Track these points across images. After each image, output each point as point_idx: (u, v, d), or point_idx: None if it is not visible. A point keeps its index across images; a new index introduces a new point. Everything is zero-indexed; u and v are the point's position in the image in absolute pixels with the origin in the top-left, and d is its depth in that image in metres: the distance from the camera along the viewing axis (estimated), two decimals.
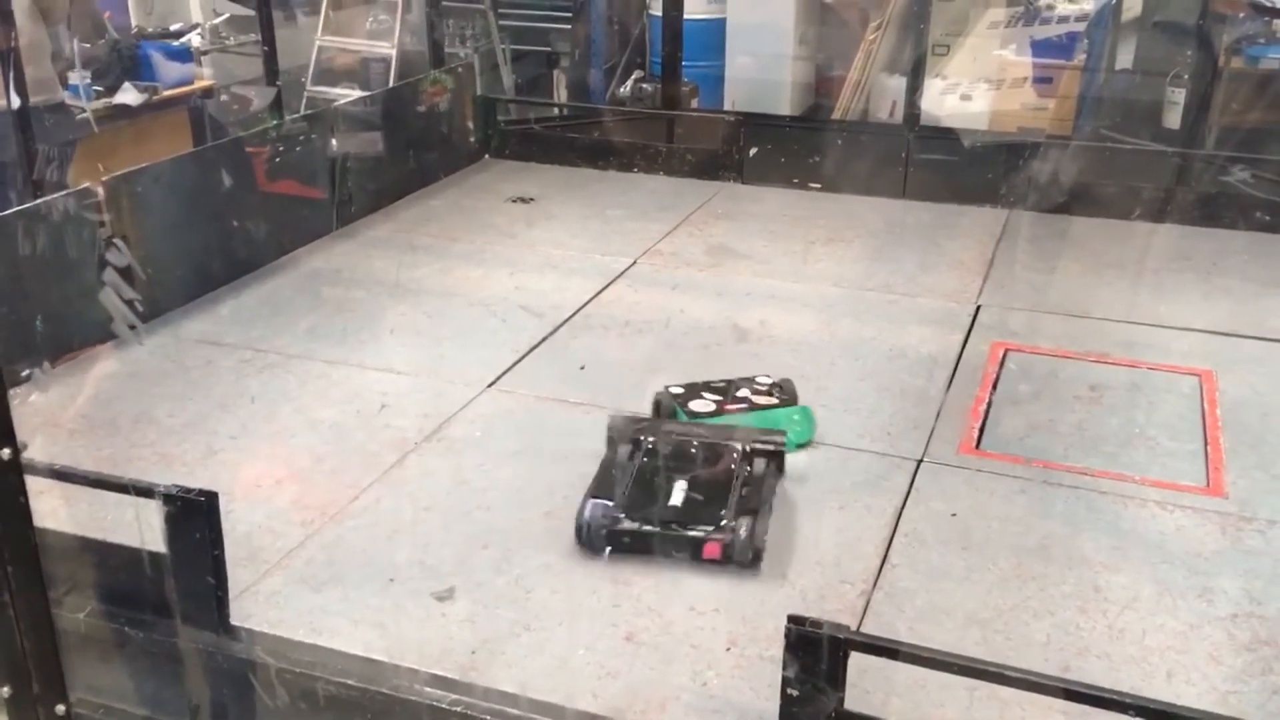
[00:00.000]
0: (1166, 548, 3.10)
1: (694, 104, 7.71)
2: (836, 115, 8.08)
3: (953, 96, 7.74)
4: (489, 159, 6.76)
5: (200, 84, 7.64)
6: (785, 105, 8.33)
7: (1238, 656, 2.70)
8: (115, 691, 2.66)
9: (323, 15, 8.34)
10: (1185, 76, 7.26)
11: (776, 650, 2.24)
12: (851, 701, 2.19)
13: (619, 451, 3.32)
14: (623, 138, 6.77)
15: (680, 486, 3.14)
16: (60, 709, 2.31)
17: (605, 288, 4.88)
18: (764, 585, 2.94)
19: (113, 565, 2.62)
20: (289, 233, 5.25)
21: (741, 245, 5.42)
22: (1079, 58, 7.75)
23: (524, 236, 5.53)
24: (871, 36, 8.03)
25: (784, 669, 2.18)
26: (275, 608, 2.83)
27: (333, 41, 8.45)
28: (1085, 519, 3.23)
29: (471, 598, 2.87)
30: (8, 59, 5.26)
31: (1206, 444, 3.63)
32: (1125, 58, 7.93)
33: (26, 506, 2.13)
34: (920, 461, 3.51)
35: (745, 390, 3.71)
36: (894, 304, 4.75)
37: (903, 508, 3.27)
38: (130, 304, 4.24)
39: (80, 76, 6.66)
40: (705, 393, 3.68)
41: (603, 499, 3.11)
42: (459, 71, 6.59)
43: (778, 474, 3.31)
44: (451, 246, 5.39)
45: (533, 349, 4.29)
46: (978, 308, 4.67)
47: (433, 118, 6.35)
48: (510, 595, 2.89)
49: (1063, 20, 7.98)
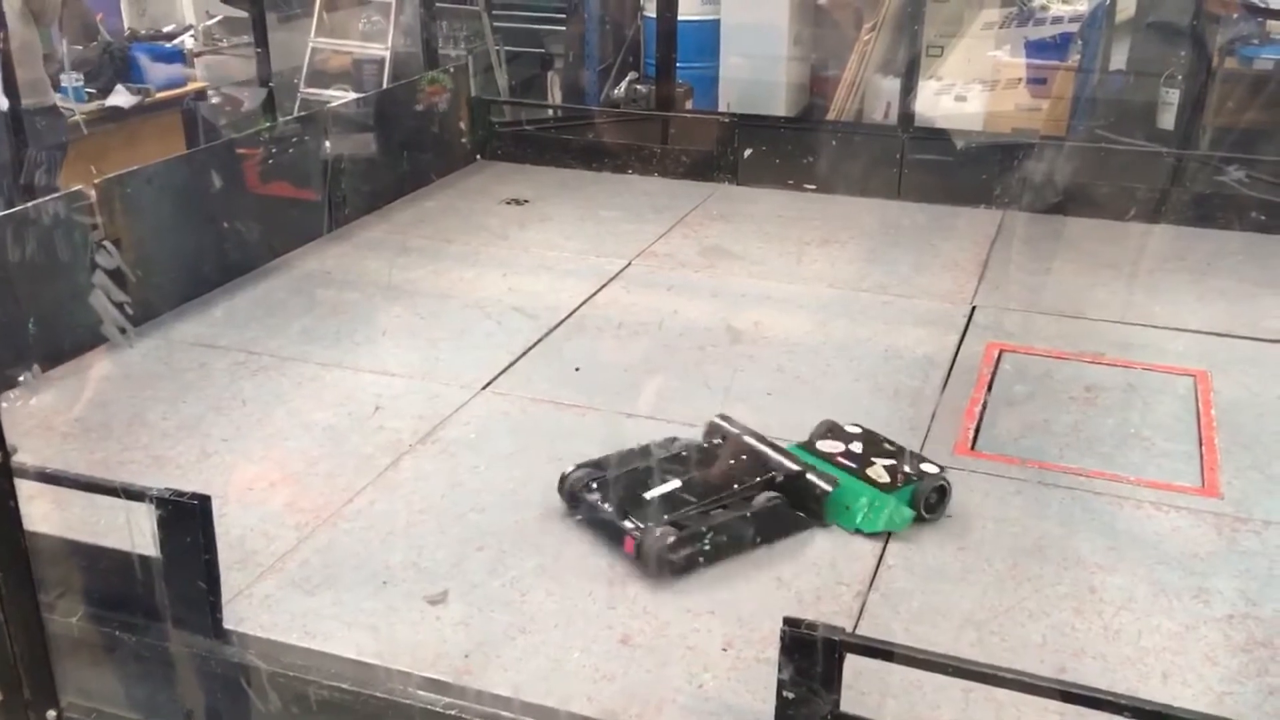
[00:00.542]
0: (1162, 548, 3.10)
1: (688, 105, 7.71)
2: (831, 116, 8.07)
3: (947, 97, 7.74)
4: (483, 160, 6.75)
5: (193, 86, 7.64)
6: (780, 106, 8.32)
7: (1234, 657, 2.69)
8: (108, 697, 2.64)
9: (316, 17, 8.32)
10: (1179, 77, 7.26)
11: (772, 652, 2.24)
12: (847, 704, 2.19)
13: (678, 444, 3.37)
14: (617, 139, 6.77)
15: (671, 484, 3.16)
16: (51, 714, 2.30)
17: (600, 289, 4.87)
18: (760, 587, 2.94)
19: (105, 569, 2.62)
20: (282, 235, 5.24)
21: (736, 246, 5.41)
22: (1073, 58, 7.75)
23: (518, 238, 5.52)
24: (866, 37, 8.04)
25: (779, 671, 2.17)
26: (268, 611, 2.82)
27: (326, 43, 8.44)
28: (1081, 520, 3.23)
29: (466, 600, 2.86)
30: None
31: (1201, 445, 3.63)
32: (1119, 58, 7.93)
33: (16, 510, 2.12)
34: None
35: (873, 455, 3.34)
36: (889, 305, 4.75)
37: None
38: (120, 306, 4.23)
39: (71, 79, 6.65)
40: (838, 439, 3.43)
41: (598, 469, 3.22)
42: (452, 73, 6.58)
43: (788, 518, 3.14)
44: (445, 248, 5.38)
45: (527, 351, 4.29)
46: (973, 308, 4.66)
47: (426, 119, 6.35)
48: (505, 598, 2.88)
49: (1057, 21, 7.99)
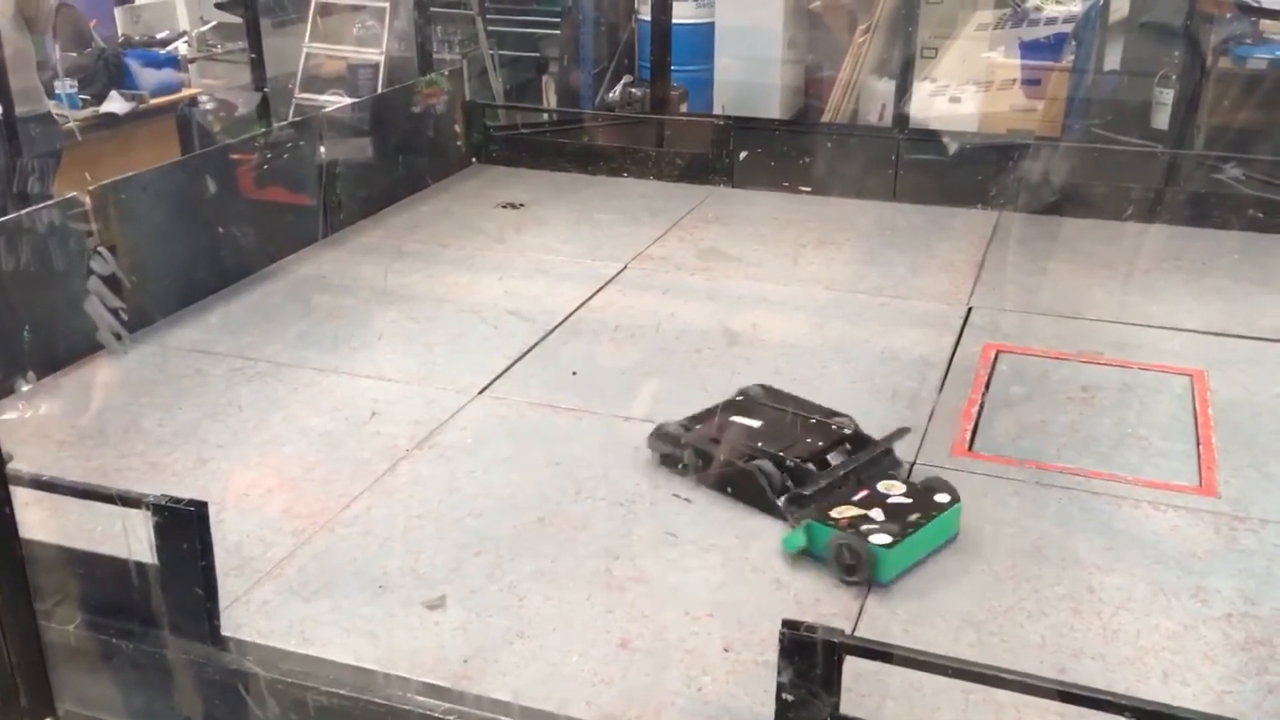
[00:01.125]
0: (1160, 548, 3.10)
1: (683, 108, 7.70)
2: (826, 118, 8.07)
3: (942, 99, 7.74)
4: (478, 165, 6.75)
5: (188, 92, 7.64)
6: (775, 109, 8.32)
7: (1233, 656, 2.69)
8: (105, 704, 2.64)
9: (310, 22, 8.32)
10: (1173, 77, 7.27)
11: (772, 655, 2.23)
12: (847, 706, 2.18)
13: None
14: (612, 142, 6.76)
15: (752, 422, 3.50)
16: None
17: (596, 293, 4.87)
18: (759, 589, 2.93)
19: (102, 576, 2.61)
20: (278, 240, 5.23)
21: (732, 249, 5.41)
22: (1067, 59, 7.76)
23: (514, 242, 5.52)
24: (860, 39, 8.04)
25: (779, 674, 2.17)
26: (266, 617, 2.81)
27: (321, 48, 8.43)
28: (1078, 520, 3.23)
29: (464, 605, 2.86)
30: None
31: (1199, 444, 3.63)
32: (1113, 59, 7.94)
33: (12, 518, 2.12)
34: (913, 464, 3.50)
35: (882, 485, 3.25)
36: (885, 306, 4.75)
37: None
38: (115, 313, 4.22)
39: (66, 86, 6.64)
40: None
41: (683, 423, 3.52)
42: (447, 77, 6.57)
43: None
44: (441, 253, 5.37)
45: (524, 355, 4.28)
46: (969, 309, 4.66)
47: (421, 123, 6.34)
48: (503, 602, 2.87)
49: (1050, 22, 7.99)
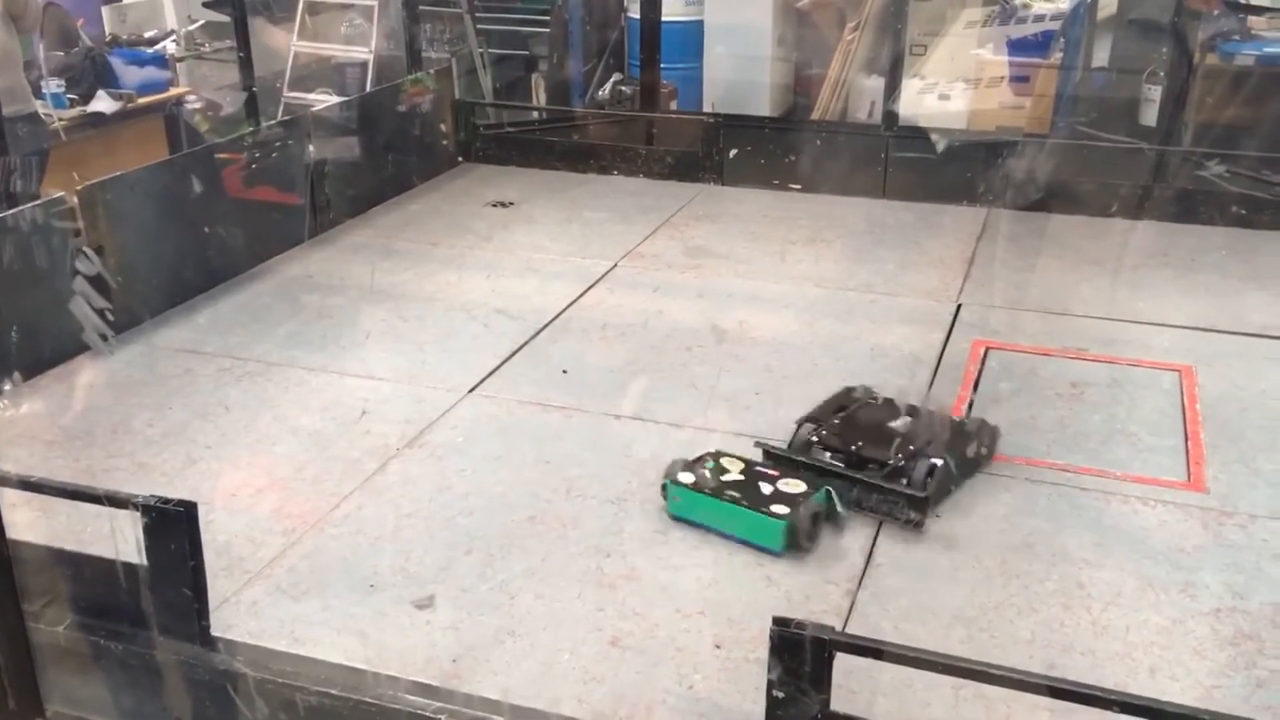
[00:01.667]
0: (1149, 543, 3.11)
1: (673, 106, 7.71)
2: (816, 116, 8.09)
3: (931, 96, 7.76)
4: (467, 163, 6.73)
5: (175, 91, 7.61)
6: (764, 106, 8.33)
7: (1221, 651, 2.70)
8: (94, 705, 2.63)
9: (298, 20, 8.29)
10: (1161, 74, 7.29)
11: (762, 652, 2.23)
12: (837, 702, 2.19)
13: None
14: (602, 140, 6.76)
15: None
16: None
17: (586, 291, 4.86)
18: (749, 587, 2.94)
19: (91, 577, 2.60)
20: (266, 240, 5.21)
21: (722, 247, 5.41)
22: (1055, 56, 7.77)
23: (503, 241, 5.51)
24: (849, 37, 8.05)
25: (769, 671, 2.17)
26: (256, 618, 2.80)
27: (309, 47, 8.40)
28: (1068, 516, 3.24)
29: (454, 604, 2.86)
30: None
31: (1187, 439, 3.64)
32: (1101, 56, 7.96)
33: None
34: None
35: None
36: (875, 303, 4.75)
37: None
38: (101, 313, 4.21)
39: (52, 85, 6.60)
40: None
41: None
42: (435, 75, 6.56)
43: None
44: (430, 252, 5.37)
45: (513, 354, 4.28)
46: (958, 306, 4.67)
47: (410, 122, 6.33)
48: (493, 601, 2.87)
49: (1039, 19, 8.01)
